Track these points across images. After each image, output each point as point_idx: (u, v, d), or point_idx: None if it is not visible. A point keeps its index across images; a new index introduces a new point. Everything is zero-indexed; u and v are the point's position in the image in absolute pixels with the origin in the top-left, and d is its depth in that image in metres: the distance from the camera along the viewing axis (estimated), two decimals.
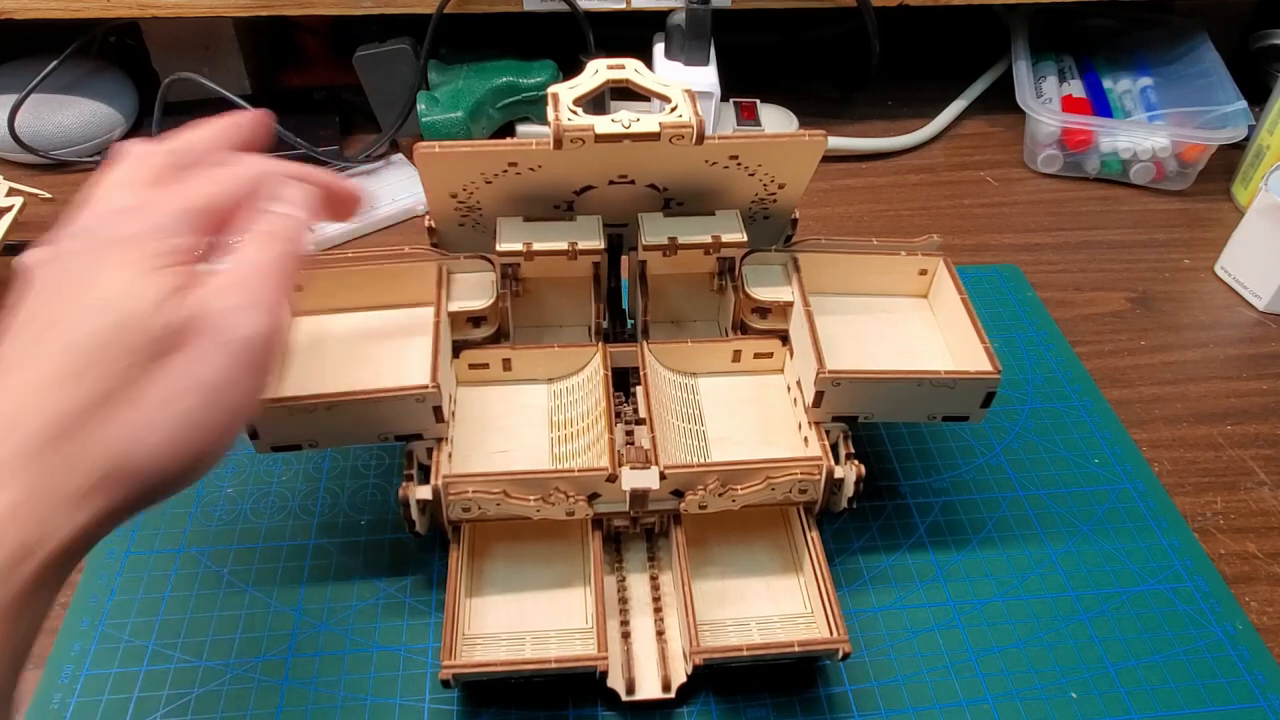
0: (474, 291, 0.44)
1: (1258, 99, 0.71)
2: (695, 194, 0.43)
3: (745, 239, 0.43)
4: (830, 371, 0.40)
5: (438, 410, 0.39)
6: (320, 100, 0.75)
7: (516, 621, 0.40)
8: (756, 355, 0.46)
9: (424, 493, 0.39)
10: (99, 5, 0.64)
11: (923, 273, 0.47)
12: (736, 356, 0.46)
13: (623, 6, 0.66)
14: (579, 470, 0.40)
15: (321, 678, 0.41)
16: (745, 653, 0.38)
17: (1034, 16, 0.81)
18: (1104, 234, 0.69)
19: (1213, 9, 0.80)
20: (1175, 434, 0.54)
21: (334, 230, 0.64)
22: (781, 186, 0.43)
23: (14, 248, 0.61)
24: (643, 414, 0.42)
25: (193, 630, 0.42)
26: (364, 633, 0.43)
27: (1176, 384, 0.57)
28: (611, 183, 0.42)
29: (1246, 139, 0.71)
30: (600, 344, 0.45)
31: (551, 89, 0.39)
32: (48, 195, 0.67)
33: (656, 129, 0.38)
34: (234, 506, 0.47)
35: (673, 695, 0.39)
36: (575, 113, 0.38)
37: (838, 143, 0.75)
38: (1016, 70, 0.75)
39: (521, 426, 0.44)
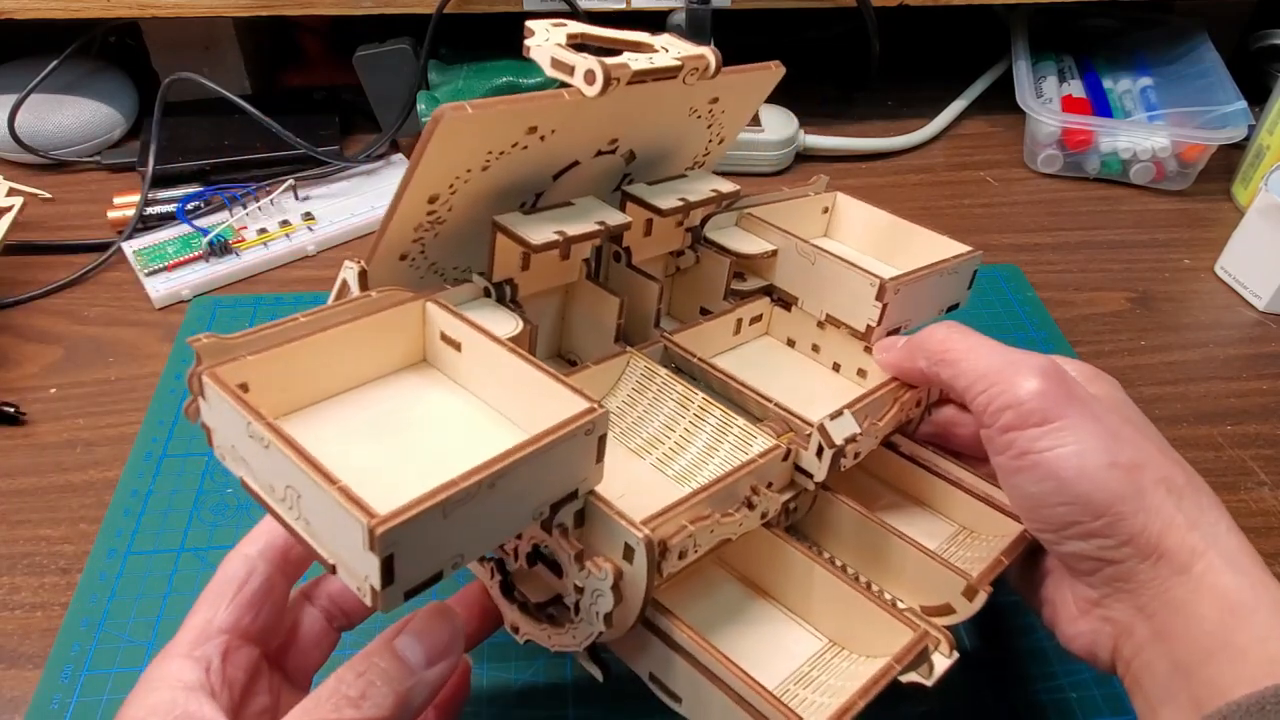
0: (492, 323, 0.34)
1: (1258, 99, 0.71)
2: (657, 156, 0.42)
3: (738, 187, 0.41)
4: (894, 280, 0.39)
5: (601, 442, 0.29)
6: (320, 100, 0.75)
7: (772, 676, 0.33)
8: (752, 321, 0.45)
9: (623, 552, 0.29)
10: (99, 5, 0.64)
11: (825, 210, 0.48)
12: (738, 327, 0.45)
13: (623, 6, 0.66)
14: (761, 456, 0.34)
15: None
16: (1006, 562, 0.36)
17: (1034, 16, 0.81)
18: (1104, 234, 0.69)
19: (1213, 9, 0.80)
20: (1175, 434, 0.54)
21: (335, 230, 0.64)
22: (721, 141, 0.43)
23: (14, 248, 0.61)
24: (737, 387, 0.39)
25: None
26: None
27: (1176, 384, 0.57)
28: (599, 153, 0.38)
29: (1246, 139, 0.71)
30: (627, 348, 0.40)
31: (533, 44, 0.33)
32: (48, 195, 0.67)
33: (677, 63, 0.34)
34: (234, 506, 0.47)
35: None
36: (587, 55, 0.33)
37: (838, 143, 0.75)
38: (1016, 70, 0.75)
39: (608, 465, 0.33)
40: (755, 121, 0.72)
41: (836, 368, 0.43)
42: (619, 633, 0.31)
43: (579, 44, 0.34)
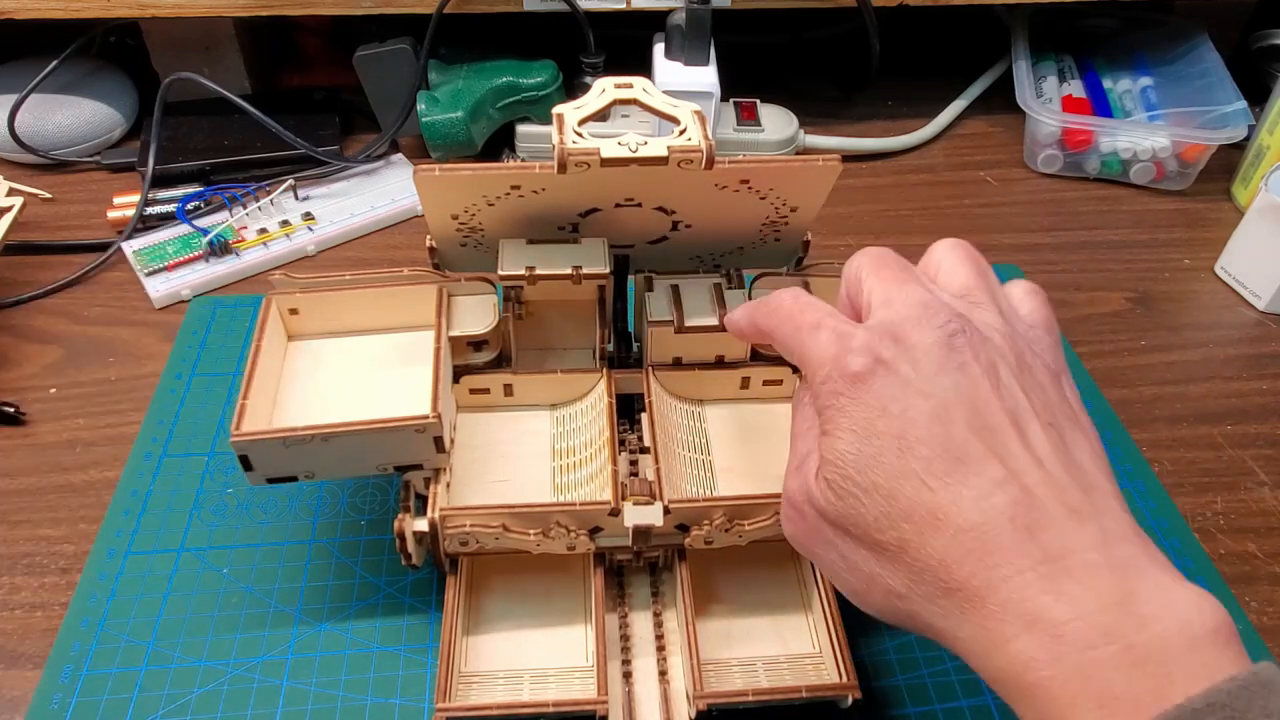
0: (475, 315, 0.43)
1: (1258, 99, 0.71)
2: (705, 216, 0.42)
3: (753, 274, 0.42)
4: None
5: (438, 441, 0.39)
6: (320, 100, 0.75)
7: (515, 659, 0.39)
8: (766, 382, 0.45)
9: (420, 525, 0.39)
10: (99, 5, 0.64)
11: None
12: (745, 383, 0.45)
13: (623, 6, 0.66)
14: (580, 504, 0.39)
15: (321, 678, 0.41)
16: (751, 698, 0.36)
17: (1034, 16, 0.81)
18: (1104, 234, 0.69)
19: (1213, 9, 0.80)
20: (1175, 434, 0.54)
21: (335, 230, 0.64)
22: (794, 209, 0.42)
23: (14, 248, 0.61)
24: (647, 443, 0.41)
25: (193, 630, 0.42)
26: (364, 633, 0.43)
27: (1176, 384, 0.57)
28: (618, 205, 0.41)
29: (1246, 139, 0.71)
30: (605, 370, 0.44)
31: (556, 109, 0.38)
32: (48, 195, 0.67)
33: (664, 153, 0.36)
34: (234, 506, 0.47)
35: None
36: (580, 135, 0.37)
37: (838, 143, 0.75)
38: (1016, 70, 0.75)
39: (523, 454, 0.44)
40: (755, 121, 0.72)
41: None
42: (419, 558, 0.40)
43: (627, 100, 0.39)
